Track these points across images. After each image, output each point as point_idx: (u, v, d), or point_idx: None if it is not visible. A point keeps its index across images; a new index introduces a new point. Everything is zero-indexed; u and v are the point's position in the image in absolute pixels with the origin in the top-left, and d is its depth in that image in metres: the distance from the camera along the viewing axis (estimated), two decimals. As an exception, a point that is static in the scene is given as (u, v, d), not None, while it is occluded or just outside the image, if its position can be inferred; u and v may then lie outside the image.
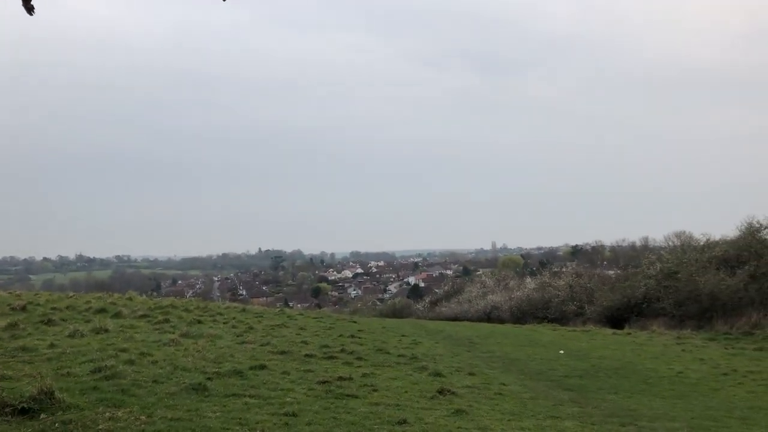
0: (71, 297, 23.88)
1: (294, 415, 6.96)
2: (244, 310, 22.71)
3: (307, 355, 11.49)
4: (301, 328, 16.64)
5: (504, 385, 9.68)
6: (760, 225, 24.76)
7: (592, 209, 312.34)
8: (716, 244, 27.28)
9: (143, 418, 6.53)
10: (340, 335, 15.15)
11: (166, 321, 16.49)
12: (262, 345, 12.61)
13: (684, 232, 55.06)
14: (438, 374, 10.20)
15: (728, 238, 26.95)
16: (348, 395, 8.24)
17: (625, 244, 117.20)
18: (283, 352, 11.69)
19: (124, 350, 10.76)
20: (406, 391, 8.72)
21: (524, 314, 36.48)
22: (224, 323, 17.24)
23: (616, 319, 29.29)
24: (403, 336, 16.00)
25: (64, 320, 15.85)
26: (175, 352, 10.75)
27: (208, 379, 8.65)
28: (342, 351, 12.09)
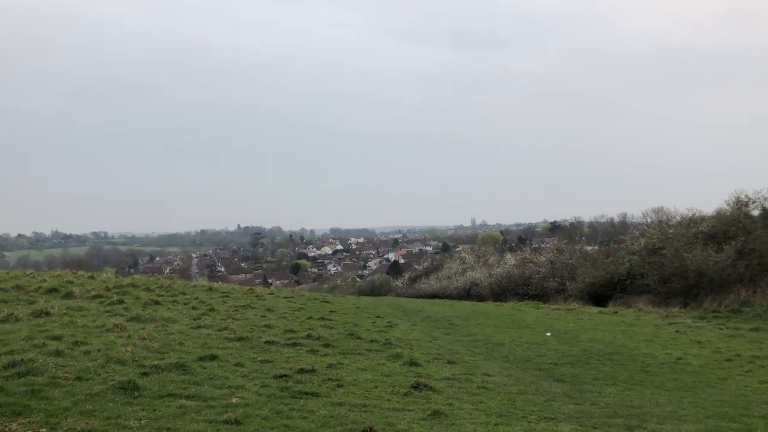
0: (28, 275, 22.26)
1: (237, 422, 5.72)
2: (210, 289, 21.36)
3: (268, 342, 10.24)
4: (268, 310, 15.36)
5: (488, 375, 8.55)
6: (749, 199, 23.93)
7: (570, 186, 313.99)
8: (702, 219, 26.46)
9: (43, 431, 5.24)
10: (309, 317, 13.91)
11: (120, 302, 15.07)
12: (219, 330, 11.32)
13: (662, 207, 54.49)
14: (414, 363, 9.04)
15: (715, 213, 26.14)
16: (307, 393, 7.02)
17: (603, 220, 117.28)
18: (240, 339, 10.42)
19: (57, 338, 9.41)
20: (375, 386, 7.53)
21: (504, 291, 35.67)
22: (185, 304, 15.90)
23: (599, 295, 28.52)
24: (377, 317, 14.82)
25: (5, 302, 14.38)
26: (115, 341, 9.42)
27: (144, 374, 7.36)
28: (308, 336, 10.86)
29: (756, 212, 24.66)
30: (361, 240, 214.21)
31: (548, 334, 12.79)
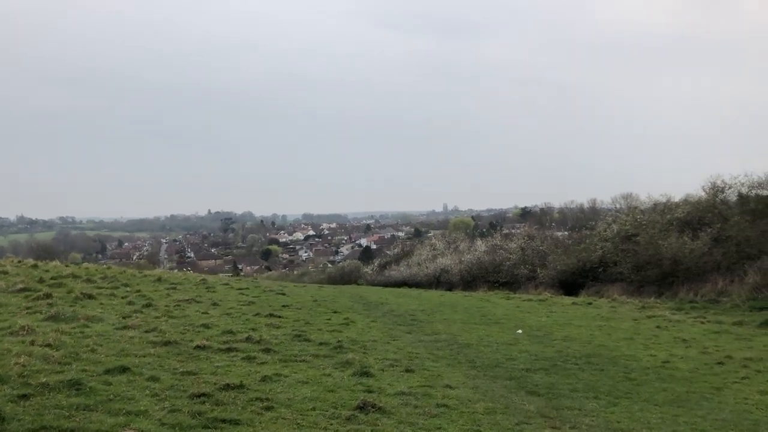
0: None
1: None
2: (159, 279, 19.73)
3: (198, 347, 8.82)
4: (214, 304, 13.91)
5: (450, 388, 7.30)
6: (726, 184, 23.14)
7: (541, 172, 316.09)
8: (677, 205, 25.66)
9: None
10: (257, 314, 12.50)
11: (48, 297, 13.41)
12: (146, 331, 9.86)
13: (631, 194, 54.26)
14: (365, 373, 7.74)
15: (690, 199, 25.36)
16: (225, 421, 5.65)
17: (573, 206, 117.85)
18: (168, 343, 8.99)
19: (-62, 346, 7.88)
20: (313, 408, 6.21)
21: (474, 278, 34.73)
22: (123, 298, 14.35)
23: (571, 283, 27.67)
24: (334, 313, 13.47)
25: None
26: (11, 349, 7.90)
27: (22, 397, 5.90)
28: (248, 339, 9.47)
29: (732, 198, 23.95)
30: (333, 225, 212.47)
31: (519, 331, 11.62)
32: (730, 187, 23.69)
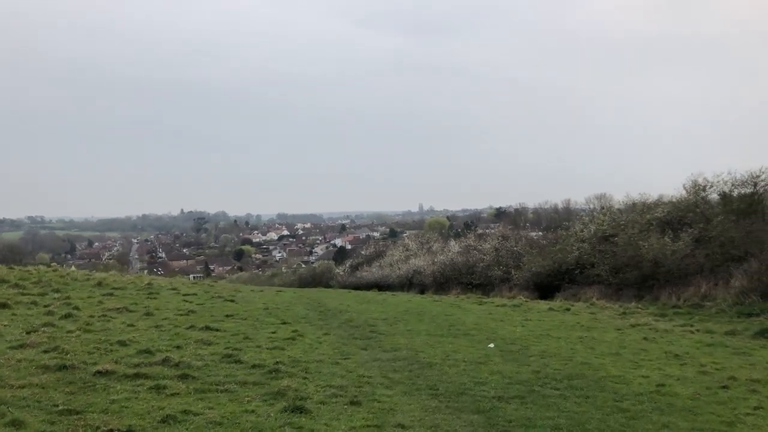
0: None
1: None
2: (99, 284, 17.93)
3: (99, 373, 7.20)
4: (147, 314, 12.23)
5: (403, 428, 5.81)
6: (708, 182, 22.08)
7: (517, 172, 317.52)
8: (657, 204, 24.58)
9: None
10: (191, 326, 10.86)
11: (-48, 306, 11.68)
12: (45, 351, 8.20)
13: (604, 194, 53.72)
14: (299, 408, 6.20)
15: (671, 199, 24.27)
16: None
17: (547, 206, 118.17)
18: (63, 367, 7.34)
19: None
20: (215, 467, 4.68)
21: (447, 280, 33.46)
22: (45, 306, 12.61)
23: (546, 286, 26.49)
24: (283, 324, 11.89)
25: None
26: None
27: None
28: (165, 362, 7.85)
29: (714, 197, 22.93)
30: (308, 225, 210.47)
31: (491, 345, 10.19)
32: (711, 186, 22.67)
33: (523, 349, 10.00)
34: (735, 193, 21.33)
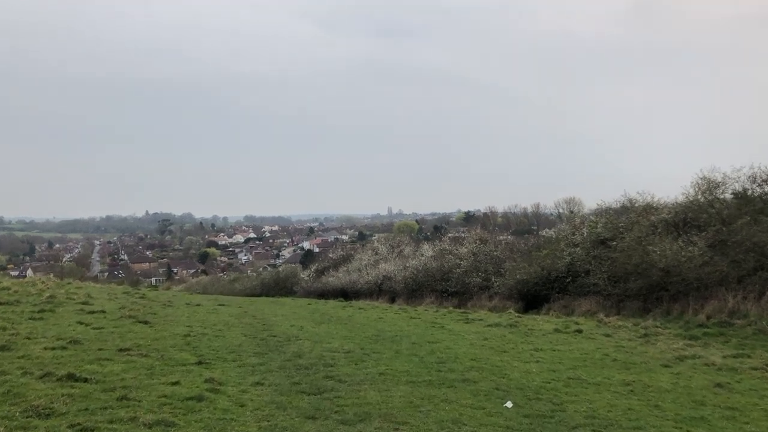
0: None
1: None
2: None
3: None
4: (27, 338, 8.45)
5: None
6: (726, 177, 19.01)
7: (482, 177, 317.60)
8: (664, 205, 21.52)
9: None
10: (47, 374, 7.07)
11: None
12: None
13: (573, 198, 50.95)
14: None
15: (678, 200, 21.17)
16: None
17: (517, 209, 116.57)
18: None
19: None
20: None
21: (420, 286, 30.11)
22: None
23: (533, 295, 23.28)
24: (198, 365, 8.14)
25: None
26: None
27: None
28: None
29: (727, 196, 19.93)
30: (275, 228, 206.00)
31: (509, 404, 6.70)
32: (725, 183, 19.68)
33: (556, 409, 6.53)
34: (758, 191, 18.33)
